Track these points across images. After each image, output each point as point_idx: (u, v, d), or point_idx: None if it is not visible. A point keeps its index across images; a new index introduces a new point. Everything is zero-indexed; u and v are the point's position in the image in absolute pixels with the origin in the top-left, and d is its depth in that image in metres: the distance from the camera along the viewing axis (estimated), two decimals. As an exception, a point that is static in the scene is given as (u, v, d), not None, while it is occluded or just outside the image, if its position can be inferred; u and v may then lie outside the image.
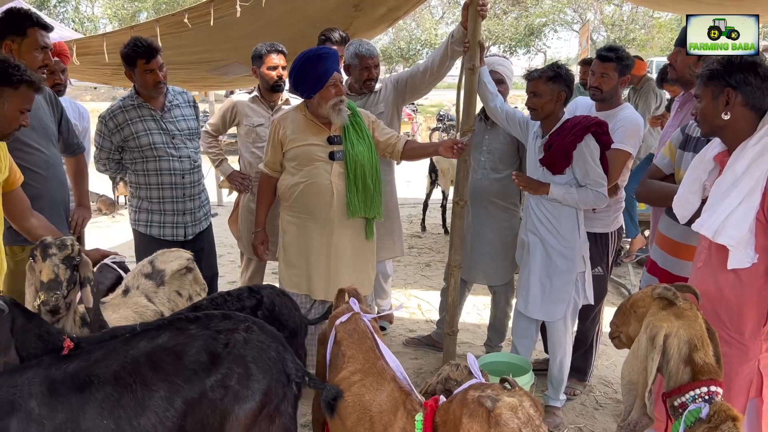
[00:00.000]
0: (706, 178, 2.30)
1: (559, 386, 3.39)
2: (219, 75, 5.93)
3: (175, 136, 3.46)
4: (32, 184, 2.85)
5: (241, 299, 2.50)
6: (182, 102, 3.58)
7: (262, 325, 2.07)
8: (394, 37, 31.79)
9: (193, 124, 3.59)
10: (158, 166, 3.42)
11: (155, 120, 3.42)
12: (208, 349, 1.93)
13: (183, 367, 1.88)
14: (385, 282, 4.42)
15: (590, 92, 3.42)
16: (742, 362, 2.10)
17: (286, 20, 4.76)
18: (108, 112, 3.45)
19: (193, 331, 1.97)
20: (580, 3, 28.41)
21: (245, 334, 1.98)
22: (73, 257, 2.21)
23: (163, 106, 3.47)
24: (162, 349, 1.91)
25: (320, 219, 3.21)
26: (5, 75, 2.34)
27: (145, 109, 3.42)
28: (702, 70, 2.26)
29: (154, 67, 3.32)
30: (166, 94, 3.50)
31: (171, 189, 3.47)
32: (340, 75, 3.20)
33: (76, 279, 2.22)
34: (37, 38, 2.87)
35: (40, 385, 1.78)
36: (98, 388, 1.81)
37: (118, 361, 1.87)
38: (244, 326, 2.01)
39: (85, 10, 30.27)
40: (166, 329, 1.98)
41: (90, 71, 5.39)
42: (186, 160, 3.49)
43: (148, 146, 3.39)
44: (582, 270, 3.25)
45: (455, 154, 3.24)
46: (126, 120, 3.39)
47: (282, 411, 1.92)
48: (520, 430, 1.48)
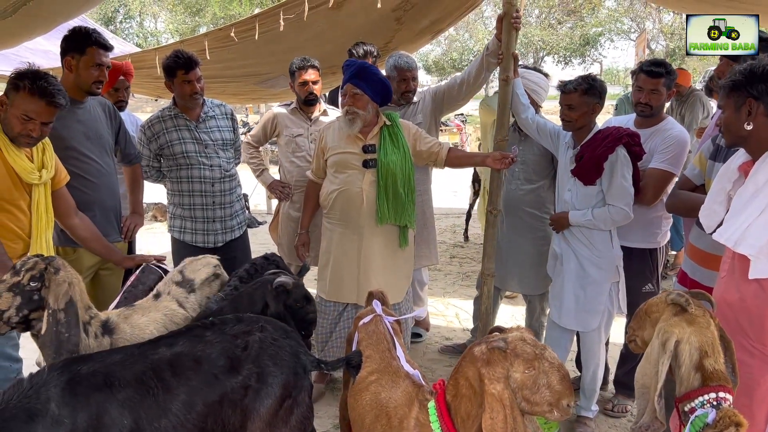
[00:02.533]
0: (731, 188, 2.28)
1: (592, 396, 3.38)
2: (267, 88, 6.13)
3: (208, 146, 3.60)
4: (84, 191, 3.05)
5: None
6: (219, 114, 3.72)
7: (273, 323, 2.16)
8: (447, 48, 31.88)
9: (228, 135, 3.72)
10: (190, 173, 3.58)
11: (189, 129, 3.58)
12: (228, 353, 2.00)
13: (204, 372, 1.96)
14: (421, 290, 4.47)
15: (638, 109, 3.31)
16: (764, 372, 2.07)
17: (329, 34, 4.90)
18: (146, 122, 3.64)
19: (210, 337, 2.04)
20: (637, 12, 27.88)
21: (260, 334, 2.06)
22: (24, 284, 2.13)
23: (199, 116, 3.62)
24: (182, 355, 1.98)
25: (352, 225, 3.33)
26: (13, 80, 2.53)
27: (180, 119, 3.58)
28: (725, 81, 2.25)
29: (192, 78, 3.48)
30: (203, 105, 3.66)
31: (201, 196, 3.61)
32: (352, 87, 3.27)
33: (38, 303, 2.15)
34: (94, 56, 3.06)
35: (56, 387, 1.83)
36: (119, 389, 1.88)
37: (138, 365, 1.94)
38: (258, 326, 2.09)
39: (148, 25, 31.52)
40: (183, 336, 2.05)
41: (145, 84, 5.66)
42: (217, 168, 3.62)
43: (181, 154, 3.55)
44: (616, 280, 3.24)
45: (504, 165, 3.31)
46: (162, 129, 3.56)
47: (300, 401, 2.02)
48: (534, 352, 1.76)
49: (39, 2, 2.51)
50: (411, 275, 3.61)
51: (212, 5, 20.02)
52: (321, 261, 3.53)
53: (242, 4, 17.65)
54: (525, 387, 1.76)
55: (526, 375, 1.75)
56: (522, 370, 1.76)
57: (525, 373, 1.75)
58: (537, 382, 1.75)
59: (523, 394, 1.76)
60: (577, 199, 3.20)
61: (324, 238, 3.50)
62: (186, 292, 2.62)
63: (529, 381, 1.75)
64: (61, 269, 2.19)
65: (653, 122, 3.31)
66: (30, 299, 2.14)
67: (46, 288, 2.15)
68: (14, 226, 2.67)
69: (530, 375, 1.75)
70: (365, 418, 2.06)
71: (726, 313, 2.12)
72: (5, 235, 2.62)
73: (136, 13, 28.91)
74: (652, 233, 3.36)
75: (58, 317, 2.11)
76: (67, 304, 2.13)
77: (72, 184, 3.03)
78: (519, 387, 1.76)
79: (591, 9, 27.45)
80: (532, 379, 1.75)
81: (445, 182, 10.13)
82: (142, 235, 7.19)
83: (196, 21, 25.47)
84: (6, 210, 2.63)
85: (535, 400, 1.76)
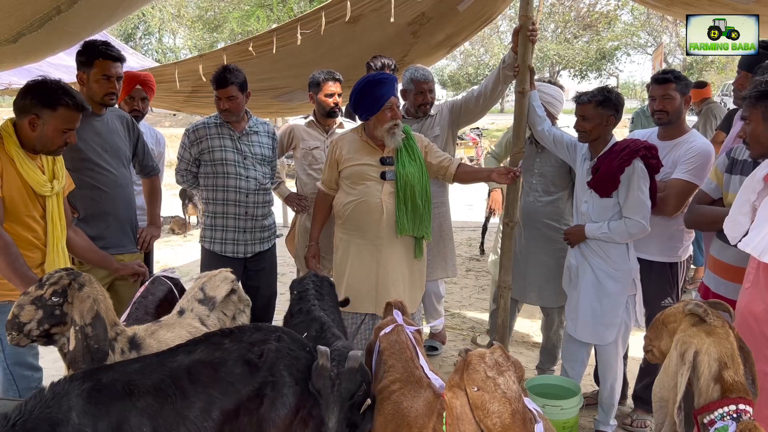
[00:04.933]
0: (756, 199, 2.26)
1: (610, 411, 3.34)
2: (284, 102, 6.18)
3: (247, 158, 3.65)
4: (99, 201, 3.09)
5: None
6: (262, 131, 3.78)
7: (291, 334, 2.15)
8: (463, 63, 31.97)
9: (267, 152, 3.77)
10: (226, 183, 3.61)
11: (232, 140, 3.63)
12: (244, 360, 2.01)
13: (220, 380, 1.97)
14: (437, 303, 4.47)
15: (656, 118, 3.31)
16: (786, 385, 2.05)
17: (345, 48, 4.94)
18: (192, 126, 3.70)
19: (228, 345, 2.05)
20: (654, 26, 27.81)
21: (277, 343, 2.06)
22: (46, 299, 2.13)
23: (243, 129, 3.68)
24: (200, 362, 1.99)
25: (370, 236, 3.33)
26: (45, 98, 2.59)
27: (225, 128, 3.63)
28: (749, 91, 2.24)
29: (221, 96, 3.54)
30: (248, 120, 3.71)
31: (234, 206, 3.63)
32: (396, 100, 3.33)
33: (59, 318, 2.15)
34: (102, 68, 3.12)
35: (77, 397, 1.84)
36: (139, 397, 1.88)
37: (157, 373, 1.95)
38: (275, 336, 2.09)
39: (167, 41, 31.97)
40: (202, 344, 2.06)
41: (164, 98, 5.73)
42: (253, 181, 3.65)
43: (221, 161, 3.59)
44: (633, 293, 3.22)
45: (509, 180, 3.31)
46: (206, 134, 3.61)
47: (314, 415, 2.00)
48: (485, 371, 1.78)
49: (65, 16, 2.55)
50: (424, 286, 3.62)
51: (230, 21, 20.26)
52: (336, 272, 3.54)
53: (260, 20, 17.85)
54: (476, 407, 1.74)
55: (476, 394, 1.74)
56: (472, 386, 1.75)
57: (474, 392, 1.75)
58: (487, 407, 1.72)
59: (477, 415, 1.73)
60: (594, 211, 3.19)
61: (339, 249, 3.51)
62: (208, 310, 2.64)
63: (479, 401, 1.73)
64: (86, 285, 2.19)
65: (677, 134, 3.29)
66: (51, 314, 2.15)
67: (69, 304, 2.16)
68: (30, 237, 2.70)
69: (479, 395, 1.74)
70: (386, 428, 2.05)
71: (751, 324, 2.10)
72: (22, 245, 2.65)
73: (156, 29, 29.33)
74: (673, 247, 3.33)
75: (86, 331, 2.12)
76: (93, 318, 2.15)
77: (87, 194, 3.08)
78: (473, 405, 1.74)
79: (607, 23, 27.43)
80: (481, 400, 1.73)
81: (460, 196, 10.12)
82: (160, 248, 7.27)
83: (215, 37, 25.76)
84: (22, 222, 2.67)
85: (487, 425, 1.71)
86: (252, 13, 18.18)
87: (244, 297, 2.92)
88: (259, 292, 3.76)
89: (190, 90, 5.28)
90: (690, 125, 3.43)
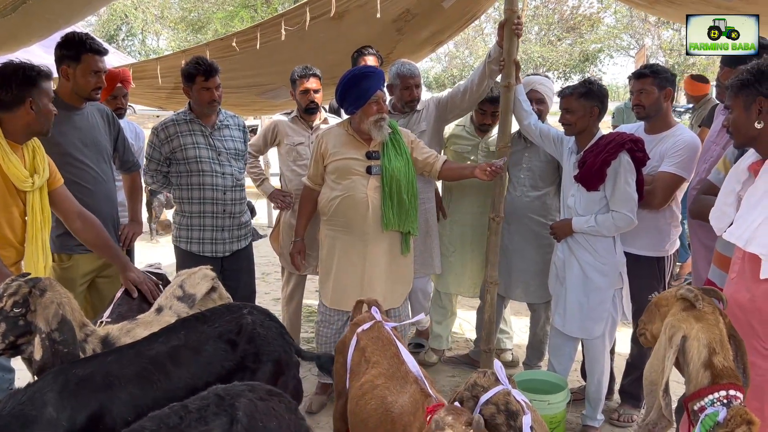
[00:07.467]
0: (741, 189, 2.26)
1: (597, 406, 3.34)
2: (268, 99, 6.12)
3: (221, 153, 3.57)
4: (80, 198, 3.02)
5: None
6: (232, 124, 3.70)
7: (257, 307, 2.29)
8: (448, 65, 32.04)
9: (240, 146, 3.70)
10: (201, 180, 3.52)
11: (204, 136, 3.54)
12: (223, 339, 2.06)
13: (203, 360, 2.00)
14: (425, 299, 4.44)
15: (634, 111, 3.36)
16: (776, 374, 2.04)
17: (331, 45, 4.90)
18: (160, 124, 3.57)
19: (204, 328, 2.10)
20: (636, 28, 28.05)
21: (251, 317, 2.15)
22: (7, 311, 2.08)
23: (214, 124, 3.59)
24: (180, 347, 2.02)
25: (356, 231, 3.30)
26: (26, 78, 2.56)
27: (196, 125, 3.54)
28: (732, 80, 2.24)
29: (211, 85, 3.44)
30: (218, 114, 3.63)
31: (212, 204, 3.54)
32: (383, 94, 3.30)
33: (24, 327, 2.10)
34: (90, 63, 3.05)
35: (52, 392, 1.82)
36: (120, 387, 1.88)
37: (136, 361, 1.95)
38: (247, 311, 2.20)
39: (151, 43, 31.71)
40: (178, 330, 2.11)
41: (146, 95, 5.65)
42: (229, 177, 3.58)
43: (194, 159, 3.50)
44: (620, 287, 3.21)
45: (489, 176, 3.28)
46: (176, 132, 3.51)
47: (291, 377, 2.15)
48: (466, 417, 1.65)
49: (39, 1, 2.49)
50: (411, 281, 3.60)
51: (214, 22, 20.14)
52: (322, 269, 3.50)
53: (244, 21, 17.75)
54: None
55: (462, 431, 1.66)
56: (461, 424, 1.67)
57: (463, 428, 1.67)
58: None
59: None
60: (581, 204, 3.18)
61: (324, 245, 3.47)
62: (187, 307, 2.60)
63: None
64: (47, 290, 2.14)
65: (663, 128, 3.30)
66: (15, 325, 2.09)
67: (33, 312, 2.10)
68: (7, 234, 2.63)
69: None
70: (368, 421, 2.02)
71: (737, 314, 2.09)
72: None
73: (139, 30, 29.09)
74: (660, 241, 3.33)
75: (54, 337, 2.07)
76: (59, 323, 2.09)
77: None
78: None
79: (590, 26, 27.62)
80: None
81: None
82: (143, 248, 7.16)
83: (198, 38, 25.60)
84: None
85: None
86: (236, 14, 18.10)
87: (225, 294, 2.88)
88: (237, 292, 3.66)
89: (173, 86, 5.20)
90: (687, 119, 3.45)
